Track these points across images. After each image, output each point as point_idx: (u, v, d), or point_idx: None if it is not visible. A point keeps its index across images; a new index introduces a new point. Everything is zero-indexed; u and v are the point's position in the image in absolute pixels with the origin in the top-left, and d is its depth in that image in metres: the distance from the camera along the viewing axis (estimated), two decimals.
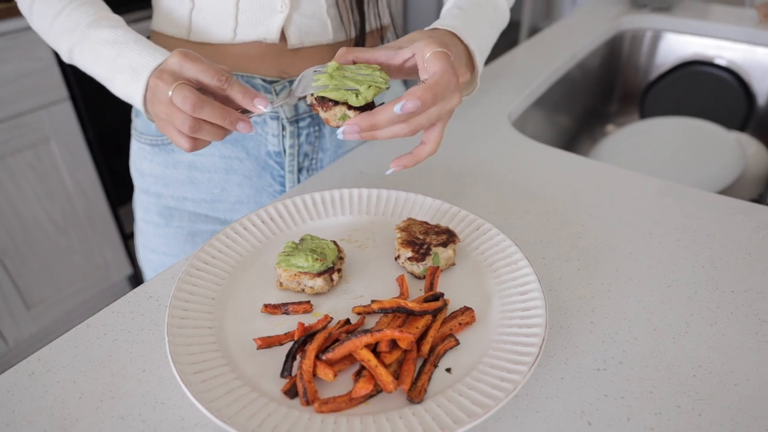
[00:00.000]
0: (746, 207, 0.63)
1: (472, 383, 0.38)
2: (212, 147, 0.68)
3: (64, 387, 0.41)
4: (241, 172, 0.70)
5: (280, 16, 0.60)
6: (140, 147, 0.72)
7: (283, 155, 0.69)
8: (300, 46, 0.63)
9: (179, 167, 0.70)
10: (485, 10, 0.59)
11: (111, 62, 0.53)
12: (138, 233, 0.79)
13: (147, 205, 0.75)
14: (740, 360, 0.44)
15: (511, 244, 0.50)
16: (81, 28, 0.55)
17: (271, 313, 0.45)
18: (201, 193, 0.71)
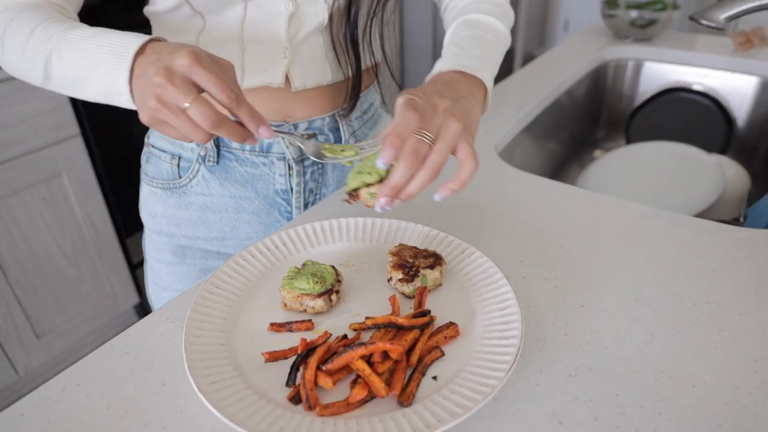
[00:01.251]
0: (712, 226, 0.68)
1: (455, 388, 0.43)
2: (223, 188, 0.72)
3: (92, 399, 0.46)
4: (250, 210, 0.74)
5: (283, 62, 0.66)
6: (152, 191, 0.76)
7: (290, 193, 0.74)
8: (303, 88, 0.68)
9: (191, 208, 0.74)
10: (479, 37, 0.63)
11: (92, 54, 0.50)
12: (149, 272, 0.84)
13: (159, 245, 0.79)
14: (699, 365, 0.49)
15: (493, 265, 0.56)
16: (58, 33, 0.52)
17: (277, 331, 0.50)
18: (212, 232, 0.76)
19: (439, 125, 0.49)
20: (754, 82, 1.37)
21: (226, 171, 0.71)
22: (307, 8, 0.64)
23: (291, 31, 0.65)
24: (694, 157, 1.27)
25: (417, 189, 0.49)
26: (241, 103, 0.47)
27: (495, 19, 0.67)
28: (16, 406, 0.45)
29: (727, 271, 0.60)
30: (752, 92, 1.39)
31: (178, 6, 0.62)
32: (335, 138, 0.74)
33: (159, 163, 0.74)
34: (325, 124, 0.72)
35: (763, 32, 1.45)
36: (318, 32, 0.67)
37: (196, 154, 0.71)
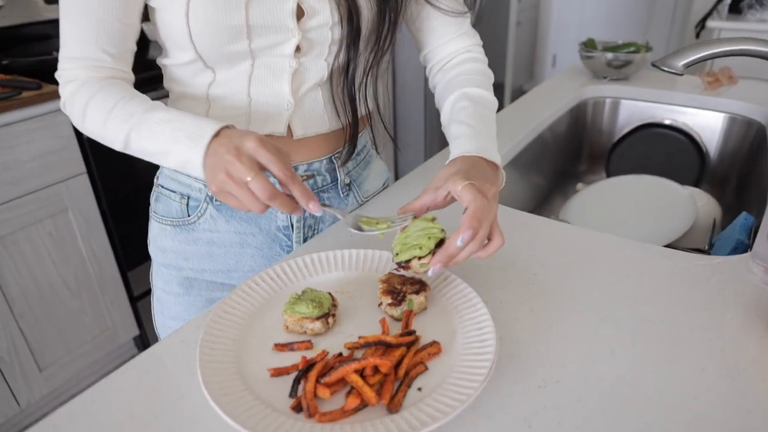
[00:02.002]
0: (672, 254, 0.75)
1: (437, 397, 0.50)
2: (228, 225, 0.78)
3: (119, 410, 0.52)
4: (254, 245, 0.80)
5: (286, 113, 0.73)
6: (162, 228, 0.82)
7: (290, 229, 0.80)
8: (303, 136, 0.75)
9: (199, 243, 0.80)
10: (486, 116, 0.74)
11: (169, 136, 0.60)
12: (157, 303, 0.89)
13: (168, 278, 0.84)
14: (653, 375, 0.55)
15: (472, 291, 0.63)
16: (138, 114, 0.63)
17: (280, 350, 0.57)
18: (218, 265, 0.81)
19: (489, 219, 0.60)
20: (723, 118, 1.47)
21: (232, 209, 0.78)
22: (309, 66, 0.71)
23: (294, 86, 0.72)
24: (668, 189, 1.35)
25: (464, 257, 0.59)
26: (294, 180, 0.57)
27: (489, 93, 0.78)
28: (50, 418, 0.51)
29: (683, 293, 0.67)
30: (721, 127, 1.48)
31: (192, 61, 0.69)
32: (331, 178, 0.81)
33: (169, 203, 0.80)
34: (322, 166, 0.79)
35: (730, 72, 1.55)
36: (318, 87, 0.74)
37: (204, 194, 0.77)
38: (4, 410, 1.58)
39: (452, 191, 0.61)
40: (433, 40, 0.84)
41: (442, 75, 0.83)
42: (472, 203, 0.58)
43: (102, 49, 0.65)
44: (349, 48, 0.72)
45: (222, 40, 0.65)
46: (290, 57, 0.70)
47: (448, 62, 0.84)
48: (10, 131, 1.43)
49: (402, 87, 2.89)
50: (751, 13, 2.48)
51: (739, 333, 0.61)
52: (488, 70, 0.83)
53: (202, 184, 0.77)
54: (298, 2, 0.66)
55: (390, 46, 0.75)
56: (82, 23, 0.63)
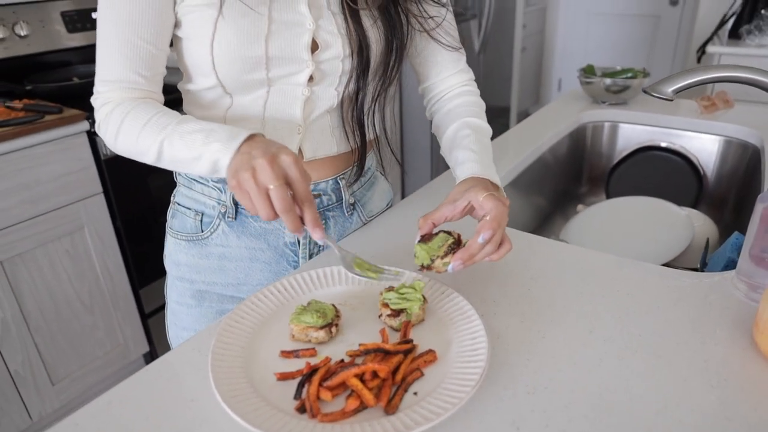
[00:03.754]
0: (662, 271, 0.79)
1: (431, 401, 0.53)
2: (239, 240, 0.83)
3: (133, 412, 0.56)
4: (262, 260, 0.84)
5: (298, 137, 0.78)
6: (176, 242, 0.86)
7: (297, 245, 0.84)
8: (313, 158, 0.80)
9: (211, 258, 0.84)
10: (485, 144, 0.81)
11: (200, 142, 0.63)
12: (170, 314, 0.93)
13: (181, 290, 0.89)
14: (638, 383, 0.58)
15: (467, 303, 0.66)
16: (171, 125, 0.66)
17: (286, 357, 0.61)
18: (229, 278, 0.85)
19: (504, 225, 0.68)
20: (719, 141, 1.51)
21: (243, 226, 0.83)
22: (320, 94, 0.77)
23: (306, 112, 0.77)
24: (666, 210, 1.39)
25: (481, 258, 0.66)
26: (312, 205, 0.61)
27: (485, 123, 0.86)
28: (71, 417, 0.55)
29: (670, 308, 0.71)
30: (718, 150, 1.52)
31: (212, 87, 0.74)
32: (336, 198, 0.86)
33: (184, 219, 0.85)
34: (328, 186, 0.84)
35: (726, 96, 1.60)
36: (327, 113, 0.79)
37: (217, 211, 0.82)
38: (17, 422, 1.62)
39: (473, 201, 0.68)
40: (433, 74, 0.90)
41: (440, 105, 0.90)
42: (494, 209, 0.66)
43: (136, 72, 0.69)
44: (359, 78, 0.78)
45: (242, 70, 0.71)
46: (303, 86, 0.75)
47: (447, 94, 0.90)
48: (32, 153, 1.50)
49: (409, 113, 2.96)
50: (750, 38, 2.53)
51: (723, 345, 0.64)
52: (482, 102, 0.91)
53: (216, 201, 0.82)
54: (313, 36, 0.72)
55: (396, 76, 0.81)
56: (118, 48, 0.68)
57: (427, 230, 0.70)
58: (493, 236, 0.65)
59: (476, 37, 3.15)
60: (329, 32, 0.73)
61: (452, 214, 0.70)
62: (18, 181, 1.49)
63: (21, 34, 1.84)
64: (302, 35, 0.71)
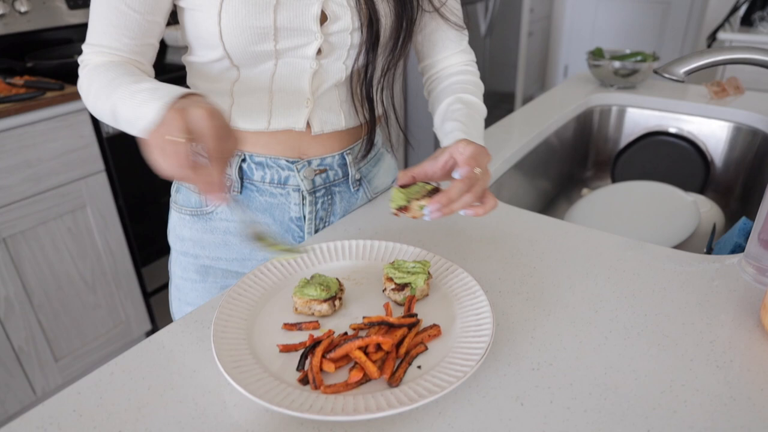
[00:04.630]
0: (669, 252, 0.78)
1: (435, 374, 0.53)
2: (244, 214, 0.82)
3: (135, 381, 0.55)
4: None
5: (305, 110, 0.77)
6: (181, 217, 0.85)
7: (303, 220, 0.83)
8: (320, 132, 0.79)
9: (215, 233, 0.84)
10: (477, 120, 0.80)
11: (139, 101, 0.60)
12: (174, 290, 0.93)
13: (185, 265, 0.88)
14: (643, 362, 0.58)
15: (472, 279, 0.66)
16: (125, 84, 0.63)
17: (289, 330, 0.60)
18: (233, 254, 0.85)
19: (484, 168, 0.65)
20: (729, 127, 1.49)
21: (248, 200, 0.81)
22: (328, 67, 0.75)
23: (314, 85, 0.76)
24: (672, 195, 1.37)
25: (460, 206, 0.63)
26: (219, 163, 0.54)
27: (480, 102, 0.85)
28: (74, 386, 0.55)
29: (677, 289, 0.70)
30: (727, 136, 1.50)
31: (218, 59, 0.72)
32: (342, 173, 0.85)
33: (188, 193, 0.84)
34: (335, 161, 0.83)
35: (736, 82, 1.58)
36: (336, 87, 0.78)
37: None
38: (21, 398, 1.63)
39: (454, 152, 0.66)
40: (435, 53, 0.89)
41: (438, 82, 0.89)
42: (473, 148, 0.65)
43: (119, 39, 0.68)
44: (368, 52, 0.76)
45: (250, 41, 0.70)
46: (311, 59, 0.73)
47: (446, 73, 0.89)
48: (33, 130, 1.49)
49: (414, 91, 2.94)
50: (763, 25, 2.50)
51: (729, 327, 0.63)
52: (480, 83, 0.89)
53: None
54: (322, 7, 0.71)
55: (406, 51, 0.80)
56: (105, 14, 0.67)
57: (405, 181, 0.68)
58: (471, 175, 0.62)
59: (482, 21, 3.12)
60: (339, 4, 0.72)
61: (433, 170, 0.68)
62: (20, 159, 1.48)
63: (21, 11, 1.82)
64: (311, 6, 0.70)
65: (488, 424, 0.50)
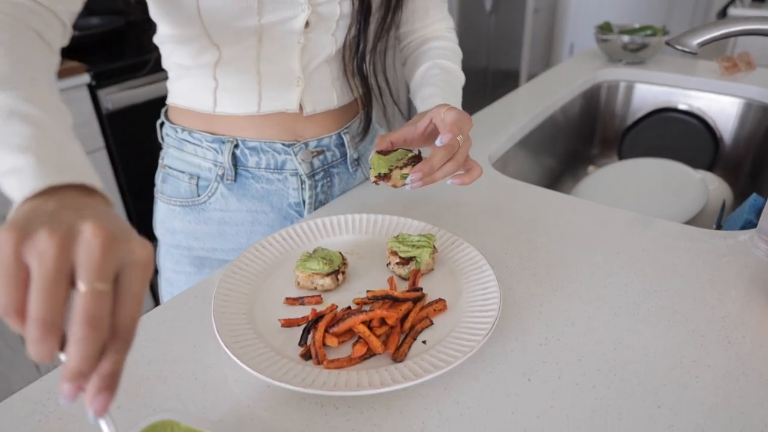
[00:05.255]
0: (678, 228, 0.76)
1: (440, 349, 0.51)
2: (240, 203, 0.78)
3: (133, 356, 0.54)
4: (265, 222, 0.80)
5: (297, 89, 0.73)
6: (170, 208, 0.81)
7: (302, 205, 0.80)
8: (313, 113, 0.75)
9: (209, 223, 0.79)
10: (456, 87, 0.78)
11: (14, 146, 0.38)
12: (166, 284, 0.87)
13: (178, 258, 0.84)
14: (653, 339, 0.56)
15: (478, 254, 0.64)
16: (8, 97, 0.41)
17: (291, 304, 0.59)
18: (230, 243, 0.81)
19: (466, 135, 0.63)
20: (739, 104, 1.46)
21: (244, 188, 0.78)
22: (317, 41, 0.71)
23: (303, 61, 0.72)
24: (681, 172, 1.35)
25: (443, 175, 0.61)
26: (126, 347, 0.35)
27: (458, 68, 0.82)
28: None
29: (687, 265, 0.68)
30: (737, 113, 1.47)
31: (195, 37, 0.67)
32: (340, 153, 0.82)
33: (177, 183, 0.79)
34: (332, 141, 0.80)
35: (748, 57, 1.54)
36: (326, 62, 0.74)
37: (214, 173, 0.77)
38: (26, 376, 1.63)
39: (435, 117, 0.64)
40: (416, 20, 0.85)
41: (414, 48, 0.86)
42: (456, 114, 0.62)
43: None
44: (359, 22, 0.72)
45: (231, 15, 0.64)
46: (299, 33, 0.69)
47: (422, 39, 0.86)
48: None
49: None
50: None
51: (741, 303, 0.62)
52: (459, 50, 0.86)
53: (212, 163, 0.77)
54: None
55: (398, 18, 0.76)
56: None
57: (384, 147, 0.65)
58: (453, 142, 0.60)
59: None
60: None
61: (413, 135, 0.66)
62: None
63: None
64: None
65: (495, 399, 0.49)
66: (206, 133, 0.75)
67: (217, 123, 0.75)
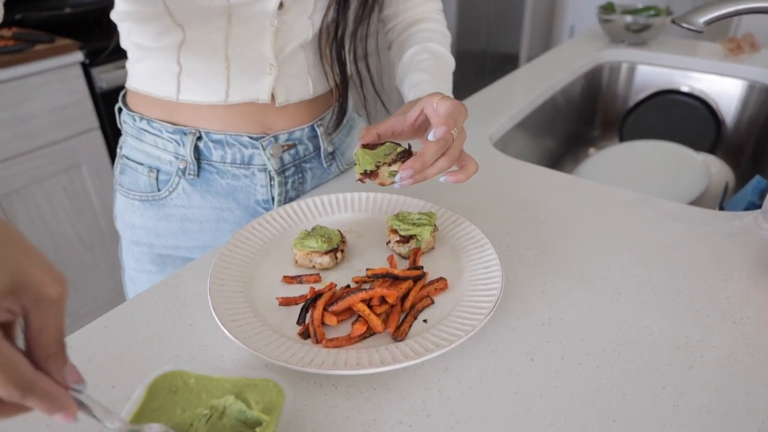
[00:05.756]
0: (681, 208, 0.75)
1: (441, 328, 0.50)
2: (204, 200, 0.72)
3: (130, 335, 0.53)
4: (231, 220, 0.74)
5: (269, 77, 0.66)
6: (129, 202, 0.74)
7: (271, 202, 0.74)
8: (286, 103, 0.69)
9: (171, 220, 0.73)
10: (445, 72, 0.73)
11: None
12: (129, 281, 0.82)
13: (139, 256, 0.78)
14: (657, 319, 0.56)
15: (480, 233, 0.63)
16: None
17: (289, 283, 0.58)
18: (193, 241, 0.75)
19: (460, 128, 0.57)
20: (742, 86, 1.44)
21: (207, 184, 0.71)
22: (292, 24, 0.65)
23: (277, 46, 0.66)
24: (682, 155, 1.34)
25: (435, 172, 0.56)
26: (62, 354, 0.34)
27: (447, 52, 0.77)
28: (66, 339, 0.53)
29: (691, 245, 0.67)
30: (740, 95, 1.45)
31: (156, 16, 0.62)
32: (314, 147, 0.75)
33: (135, 176, 0.73)
34: (304, 134, 0.74)
35: (752, 38, 1.52)
36: (302, 48, 0.69)
37: (175, 167, 0.71)
38: None
39: (427, 107, 0.58)
40: (401, 1, 0.80)
41: (400, 31, 0.80)
42: (450, 107, 0.56)
43: None
44: (339, 3, 0.67)
45: None
46: (272, 14, 0.63)
47: (409, 21, 0.80)
48: (24, 84, 1.44)
49: None
50: None
51: (745, 284, 0.61)
52: (448, 33, 0.81)
53: (173, 156, 0.71)
54: None
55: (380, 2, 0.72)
56: None
57: (370, 140, 0.59)
58: (448, 135, 0.54)
59: None
60: None
61: (401, 127, 0.60)
62: (12, 113, 1.44)
63: None
64: None
65: (497, 379, 0.48)
66: (167, 123, 0.69)
67: (180, 112, 0.68)
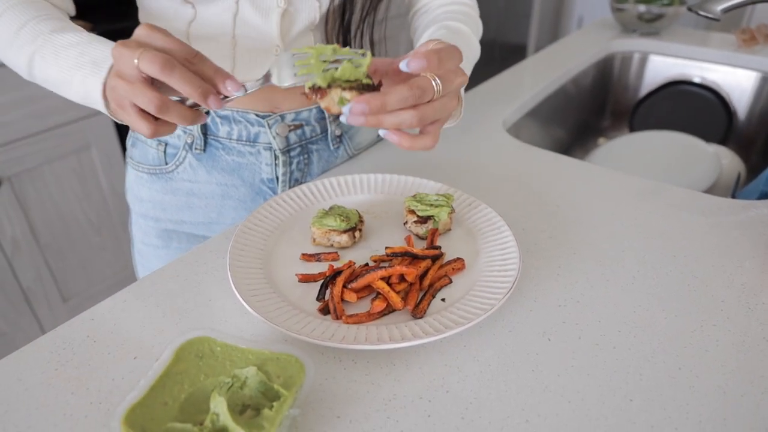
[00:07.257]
0: (695, 195, 0.75)
1: (460, 306, 0.51)
2: (209, 175, 0.73)
3: (150, 310, 0.54)
4: (236, 197, 0.75)
5: (275, 58, 0.66)
6: (138, 175, 0.77)
7: (275, 182, 0.75)
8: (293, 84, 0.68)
9: (177, 194, 0.75)
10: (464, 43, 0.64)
11: (73, 61, 0.52)
12: (137, 255, 0.84)
13: (146, 229, 0.80)
14: (673, 303, 0.56)
15: (496, 215, 0.63)
16: (44, 35, 0.54)
17: (307, 260, 0.58)
18: (198, 217, 0.76)
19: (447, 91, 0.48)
20: (755, 77, 1.43)
21: (213, 159, 0.73)
22: (299, 5, 0.65)
23: (283, 28, 0.66)
24: (693, 146, 1.33)
25: (393, 123, 0.46)
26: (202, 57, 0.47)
27: (471, 33, 0.69)
28: (87, 313, 0.53)
29: (706, 232, 0.67)
30: (753, 87, 1.45)
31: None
32: (321, 129, 0.76)
33: (145, 149, 0.75)
34: (311, 115, 0.74)
35: (767, 29, 1.51)
36: (309, 31, 0.68)
37: (182, 141, 0.72)
38: (31, 337, 1.64)
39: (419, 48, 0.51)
40: None
41: (425, 17, 0.75)
42: (444, 45, 0.48)
43: None
44: None
45: None
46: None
47: (435, 4, 0.76)
48: None
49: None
50: None
51: (759, 270, 0.61)
52: (478, 19, 0.75)
53: (181, 129, 0.72)
54: None
55: None
56: None
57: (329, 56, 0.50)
58: (425, 82, 0.45)
59: None
60: None
61: (385, 68, 0.52)
62: (21, 94, 1.44)
63: None
64: None
65: (515, 358, 0.49)
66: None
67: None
